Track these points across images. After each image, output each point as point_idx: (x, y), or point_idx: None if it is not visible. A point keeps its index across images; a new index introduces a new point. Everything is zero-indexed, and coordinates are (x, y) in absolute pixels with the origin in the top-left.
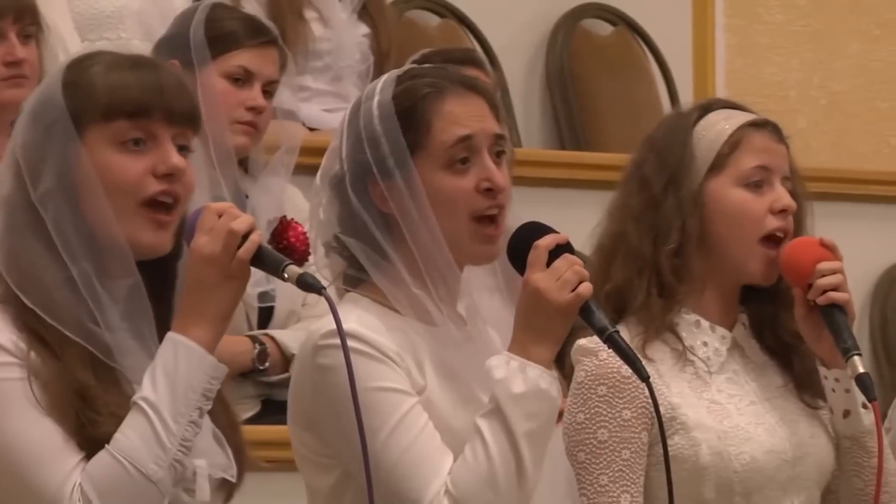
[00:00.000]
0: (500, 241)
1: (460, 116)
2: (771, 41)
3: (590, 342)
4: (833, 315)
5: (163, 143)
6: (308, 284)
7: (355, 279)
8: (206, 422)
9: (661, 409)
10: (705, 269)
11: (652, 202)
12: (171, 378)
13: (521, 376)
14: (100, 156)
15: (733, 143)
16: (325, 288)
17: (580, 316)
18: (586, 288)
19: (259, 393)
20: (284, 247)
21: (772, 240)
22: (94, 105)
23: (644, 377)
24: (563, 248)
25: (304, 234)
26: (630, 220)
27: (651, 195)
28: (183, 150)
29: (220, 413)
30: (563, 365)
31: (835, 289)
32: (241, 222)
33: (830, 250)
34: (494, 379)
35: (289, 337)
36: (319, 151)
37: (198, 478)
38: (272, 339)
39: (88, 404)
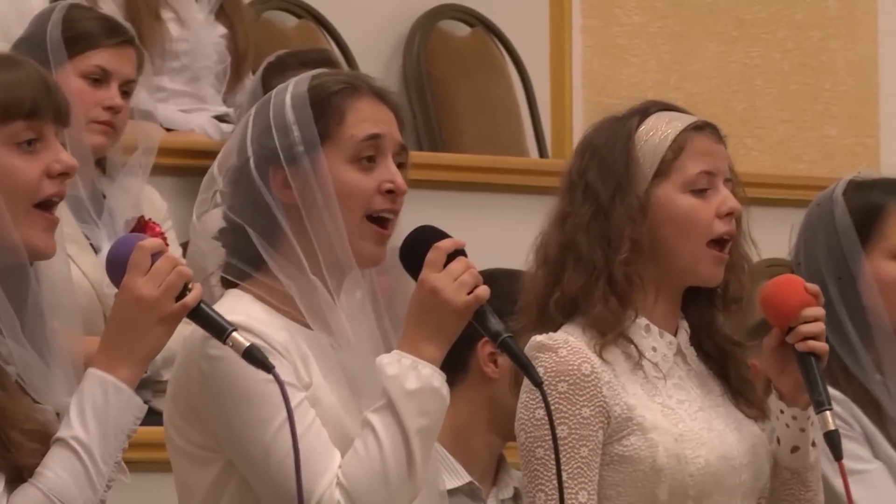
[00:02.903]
0: (387, 248)
1: (372, 116)
2: (628, 42)
3: (547, 338)
4: (809, 363)
5: (51, 142)
6: (256, 360)
7: (239, 272)
8: None
9: (618, 408)
10: (656, 274)
11: (600, 211)
12: (102, 419)
13: (413, 373)
14: None
15: (677, 149)
16: (273, 367)
17: (473, 319)
18: (484, 291)
19: None
20: None
21: (719, 242)
22: None
23: (538, 382)
24: (459, 254)
25: (162, 234)
26: (579, 230)
27: (598, 204)
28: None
29: None
30: None
31: (815, 337)
32: (187, 269)
33: (815, 297)
34: (386, 375)
35: None
36: (176, 152)
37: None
38: None
39: (7, 420)
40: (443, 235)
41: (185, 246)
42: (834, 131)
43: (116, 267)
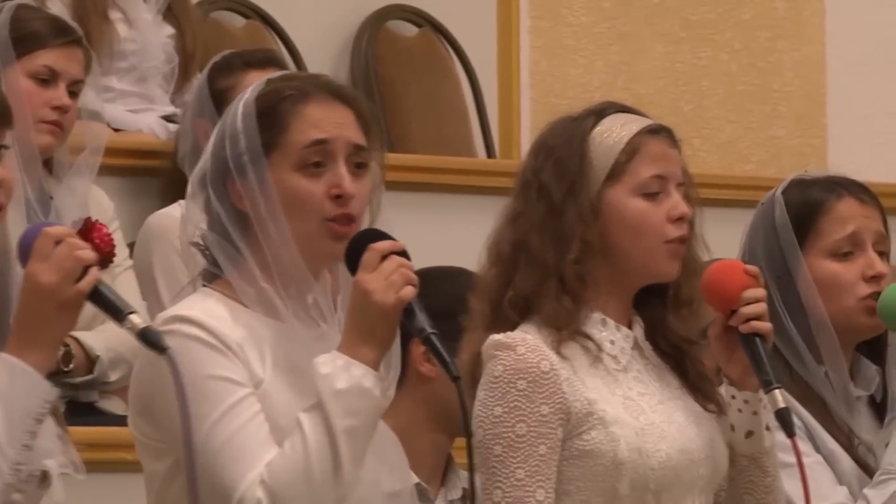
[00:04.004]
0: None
1: (320, 121)
2: (576, 43)
3: (505, 337)
4: (754, 344)
5: None
6: (150, 341)
7: (213, 276)
8: (51, 423)
9: (578, 404)
10: (608, 274)
11: (553, 211)
12: (8, 403)
13: (345, 374)
14: None
15: (630, 152)
16: (167, 348)
17: (403, 317)
18: (409, 292)
19: (63, 394)
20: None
21: (673, 243)
22: None
23: (455, 377)
24: (399, 255)
25: (109, 234)
26: (531, 229)
27: (551, 204)
28: (1, 149)
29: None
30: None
31: (758, 318)
32: (85, 254)
33: (755, 278)
34: (319, 374)
35: (93, 338)
36: (124, 152)
37: (52, 478)
38: (76, 340)
39: None
40: (383, 237)
41: (131, 246)
42: (781, 132)
43: (24, 254)
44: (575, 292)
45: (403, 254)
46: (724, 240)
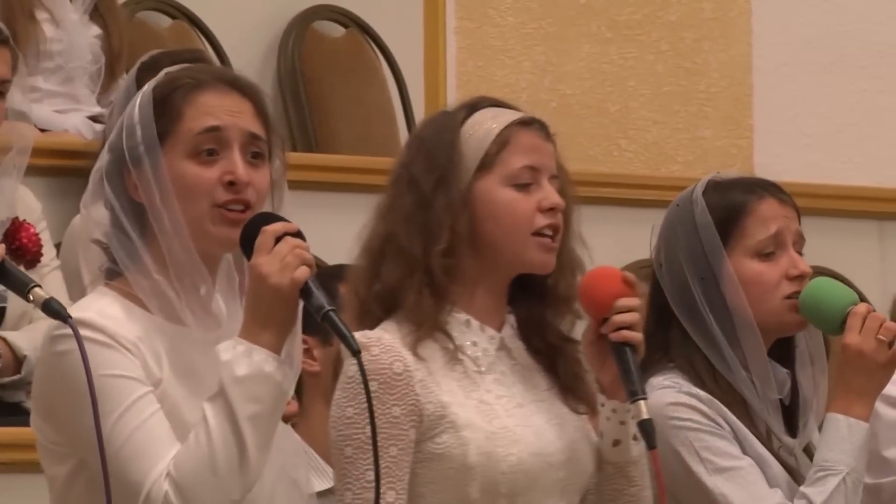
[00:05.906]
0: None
1: (214, 109)
2: (502, 44)
3: (361, 336)
4: (624, 353)
5: None
6: (54, 311)
7: (114, 273)
8: None
9: (431, 406)
10: (477, 268)
11: (422, 202)
12: None
13: (246, 360)
14: None
15: (501, 143)
16: (70, 317)
17: (301, 298)
18: (303, 272)
19: None
20: (17, 248)
21: (542, 235)
22: None
23: (355, 351)
24: (294, 236)
25: (37, 234)
26: (400, 221)
27: (421, 195)
28: None
29: None
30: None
31: (629, 327)
32: None
33: (630, 287)
34: (221, 361)
35: (21, 338)
36: (50, 152)
37: None
38: (3, 340)
39: None
40: (277, 220)
41: (59, 247)
42: (708, 132)
43: None
44: (440, 286)
45: (298, 235)
46: (649, 240)
